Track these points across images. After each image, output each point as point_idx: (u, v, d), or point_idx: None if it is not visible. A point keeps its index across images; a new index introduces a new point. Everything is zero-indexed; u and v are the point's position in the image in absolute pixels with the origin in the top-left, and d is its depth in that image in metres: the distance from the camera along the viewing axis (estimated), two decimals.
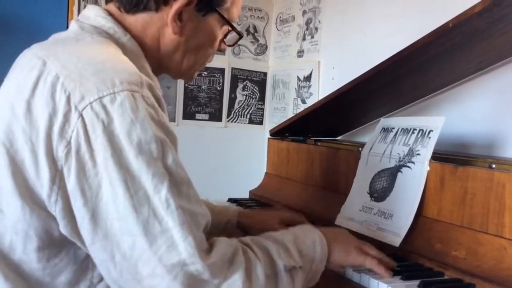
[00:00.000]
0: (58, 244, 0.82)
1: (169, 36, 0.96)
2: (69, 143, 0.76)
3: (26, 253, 0.81)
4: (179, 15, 0.94)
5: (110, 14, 0.95)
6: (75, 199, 0.76)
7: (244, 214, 1.38)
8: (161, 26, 0.96)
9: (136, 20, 0.95)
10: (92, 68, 0.80)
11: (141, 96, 0.79)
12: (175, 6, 0.93)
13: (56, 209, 0.78)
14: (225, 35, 1.05)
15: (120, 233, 0.75)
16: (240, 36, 1.07)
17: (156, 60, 0.98)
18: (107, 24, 0.93)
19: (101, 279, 0.85)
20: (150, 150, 0.77)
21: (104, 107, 0.76)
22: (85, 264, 0.84)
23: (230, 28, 1.04)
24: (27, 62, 0.85)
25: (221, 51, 1.08)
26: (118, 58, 0.87)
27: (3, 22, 2.29)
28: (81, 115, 0.76)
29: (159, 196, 0.76)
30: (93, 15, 0.94)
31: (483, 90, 1.48)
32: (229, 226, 1.33)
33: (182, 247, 0.76)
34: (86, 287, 0.85)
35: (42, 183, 0.77)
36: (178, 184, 0.79)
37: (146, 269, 0.76)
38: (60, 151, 0.76)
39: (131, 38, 0.94)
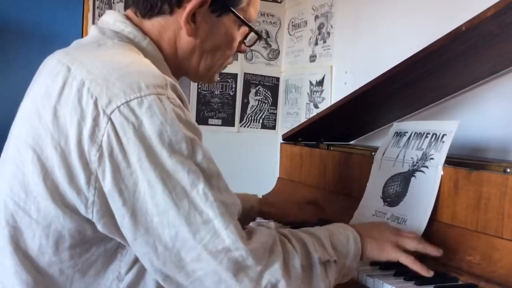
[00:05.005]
0: (90, 240, 0.84)
1: (185, 38, 0.97)
2: (100, 146, 0.78)
3: (58, 254, 0.83)
4: (192, 17, 0.94)
5: (129, 18, 0.96)
6: (114, 200, 0.79)
7: (266, 202, 1.47)
8: (176, 29, 0.96)
9: (153, 24, 0.96)
10: (117, 73, 0.81)
11: (167, 98, 0.81)
12: (188, 8, 0.93)
13: (93, 210, 0.80)
14: (245, 36, 1.05)
15: (161, 227, 0.78)
16: (259, 36, 1.08)
17: (174, 63, 0.99)
18: (126, 28, 0.94)
19: (128, 269, 0.87)
20: (181, 150, 0.80)
21: (132, 110, 0.78)
22: (114, 255, 0.86)
23: (248, 29, 1.03)
24: (51, 69, 0.86)
25: (241, 52, 1.08)
26: (141, 61, 0.88)
27: (19, 30, 2.33)
28: (110, 119, 0.78)
29: (197, 190, 0.79)
30: (112, 20, 0.95)
31: (497, 93, 1.47)
32: (252, 213, 1.41)
33: (225, 234, 0.79)
34: (115, 278, 0.87)
35: (77, 187, 0.79)
36: (210, 178, 0.82)
37: (190, 255, 0.79)
38: (92, 155, 0.78)
39: (151, 42, 0.95)
